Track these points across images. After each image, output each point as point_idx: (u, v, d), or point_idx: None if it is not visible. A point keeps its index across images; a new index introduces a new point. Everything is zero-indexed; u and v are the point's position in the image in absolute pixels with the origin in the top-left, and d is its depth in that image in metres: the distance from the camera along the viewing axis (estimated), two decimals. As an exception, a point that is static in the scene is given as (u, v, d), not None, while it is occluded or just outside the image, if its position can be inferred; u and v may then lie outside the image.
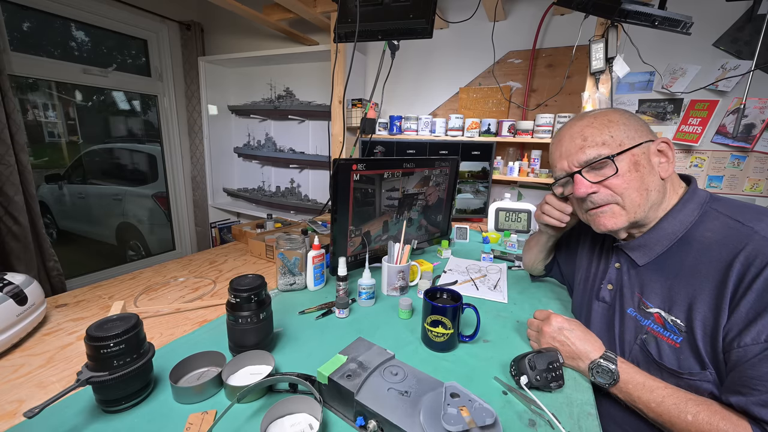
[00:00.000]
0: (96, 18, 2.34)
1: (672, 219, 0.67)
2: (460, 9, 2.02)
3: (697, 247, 0.63)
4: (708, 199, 0.67)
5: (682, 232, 0.66)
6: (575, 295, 0.90)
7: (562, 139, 0.73)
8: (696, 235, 0.65)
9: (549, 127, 1.76)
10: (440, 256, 1.36)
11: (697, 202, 0.67)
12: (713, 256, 0.60)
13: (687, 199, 0.68)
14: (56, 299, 0.98)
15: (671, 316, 0.64)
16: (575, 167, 0.70)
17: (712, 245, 0.61)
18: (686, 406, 0.55)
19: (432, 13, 1.10)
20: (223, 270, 1.23)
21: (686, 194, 0.69)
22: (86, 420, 0.55)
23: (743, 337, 0.54)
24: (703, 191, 0.69)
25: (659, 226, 0.69)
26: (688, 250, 0.65)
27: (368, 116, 2.03)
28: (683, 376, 0.61)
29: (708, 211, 0.66)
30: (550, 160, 0.78)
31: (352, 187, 0.98)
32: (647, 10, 1.14)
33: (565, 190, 0.78)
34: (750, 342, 0.53)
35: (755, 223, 0.59)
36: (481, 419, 0.47)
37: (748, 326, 0.53)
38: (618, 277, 0.76)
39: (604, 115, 0.70)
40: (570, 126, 0.73)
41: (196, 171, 3.00)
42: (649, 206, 0.67)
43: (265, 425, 0.52)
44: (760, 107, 1.53)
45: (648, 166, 0.67)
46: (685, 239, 0.66)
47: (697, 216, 0.66)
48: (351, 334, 0.81)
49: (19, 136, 1.81)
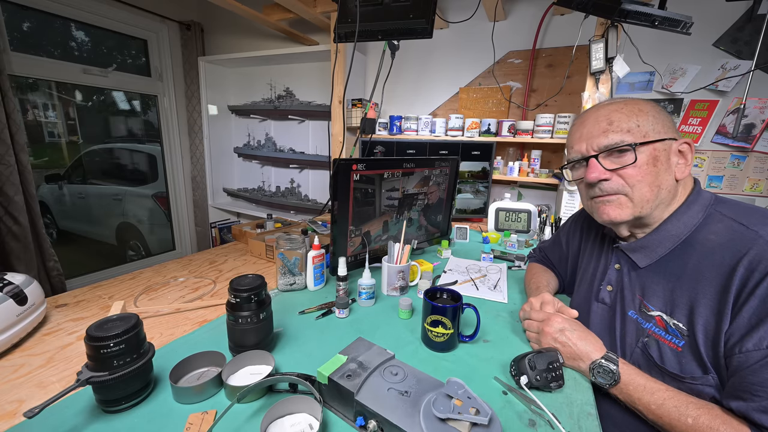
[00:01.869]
0: (96, 18, 2.34)
1: (676, 221, 0.67)
2: (460, 9, 2.02)
3: (701, 250, 0.63)
4: (713, 201, 0.66)
5: (686, 235, 0.65)
6: (575, 295, 0.90)
7: (585, 121, 0.71)
8: (699, 238, 0.64)
9: (549, 127, 1.76)
10: (440, 256, 1.36)
11: (701, 204, 0.66)
12: (716, 259, 0.60)
13: (691, 200, 0.67)
14: (56, 299, 0.98)
15: (673, 320, 0.63)
16: (593, 151, 0.68)
17: (715, 248, 0.61)
18: (687, 409, 0.55)
19: (432, 13, 1.10)
20: (223, 270, 1.23)
21: (690, 195, 0.68)
22: (86, 420, 0.55)
23: (745, 343, 0.53)
24: (708, 193, 0.68)
25: (663, 227, 0.68)
26: (691, 253, 0.64)
27: (368, 116, 2.03)
28: (685, 381, 0.60)
29: (712, 213, 0.65)
30: (568, 142, 0.75)
31: (352, 187, 0.98)
32: (647, 10, 1.14)
33: (574, 174, 0.75)
34: (752, 348, 0.52)
35: (760, 227, 0.58)
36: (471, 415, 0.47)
37: (750, 332, 0.53)
38: (618, 278, 0.75)
39: (635, 103, 0.68)
40: (597, 109, 0.71)
41: (196, 171, 3.00)
42: (657, 204, 0.66)
43: (265, 425, 0.52)
44: (760, 107, 1.54)
45: (666, 164, 0.65)
46: (689, 242, 0.65)
47: (701, 218, 0.65)
48: (351, 334, 0.81)
49: (19, 136, 1.81)
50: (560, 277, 1.02)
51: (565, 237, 1.00)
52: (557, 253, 1.03)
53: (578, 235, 0.94)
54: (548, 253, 1.07)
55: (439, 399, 0.50)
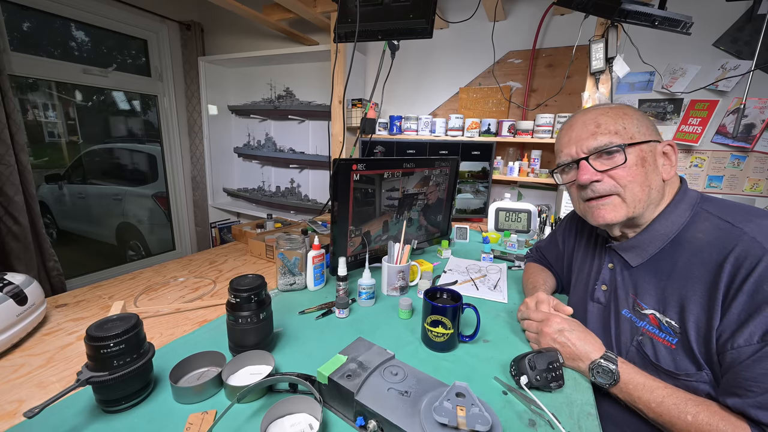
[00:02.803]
0: (96, 18, 2.34)
1: (664, 220, 0.68)
2: (460, 9, 2.02)
3: (689, 248, 0.64)
4: (699, 200, 0.68)
5: (674, 233, 0.67)
6: (571, 294, 0.90)
7: (573, 125, 0.73)
8: (687, 236, 0.65)
9: (549, 127, 1.76)
10: (440, 256, 1.36)
11: (688, 202, 0.68)
12: (704, 257, 0.61)
13: (678, 199, 0.68)
14: (56, 299, 0.98)
15: (666, 318, 0.64)
16: (583, 153, 0.70)
17: (703, 246, 0.62)
18: (686, 407, 0.55)
19: (432, 13, 1.10)
20: (223, 270, 1.23)
21: (677, 194, 0.69)
22: (86, 420, 0.55)
23: (736, 339, 0.54)
24: (694, 191, 0.70)
25: (652, 227, 0.69)
26: (681, 251, 0.65)
27: (368, 116, 2.03)
28: (680, 377, 0.61)
29: (699, 212, 0.66)
30: (557, 146, 0.76)
31: (352, 187, 0.98)
32: (647, 10, 1.14)
33: (565, 177, 0.76)
34: (743, 343, 0.53)
35: (744, 224, 0.59)
36: (473, 423, 0.47)
37: (740, 328, 0.54)
38: (612, 277, 0.76)
39: (619, 107, 0.70)
40: (584, 113, 0.73)
41: (196, 171, 3.00)
42: (648, 203, 0.67)
43: (265, 425, 0.52)
44: (760, 107, 1.54)
45: (653, 164, 0.67)
46: (678, 240, 0.66)
47: (688, 217, 0.66)
48: (351, 334, 0.81)
49: (19, 136, 1.81)
50: (558, 276, 1.02)
51: (561, 236, 1.00)
52: (554, 252, 1.03)
53: (573, 234, 0.95)
54: (545, 252, 1.07)
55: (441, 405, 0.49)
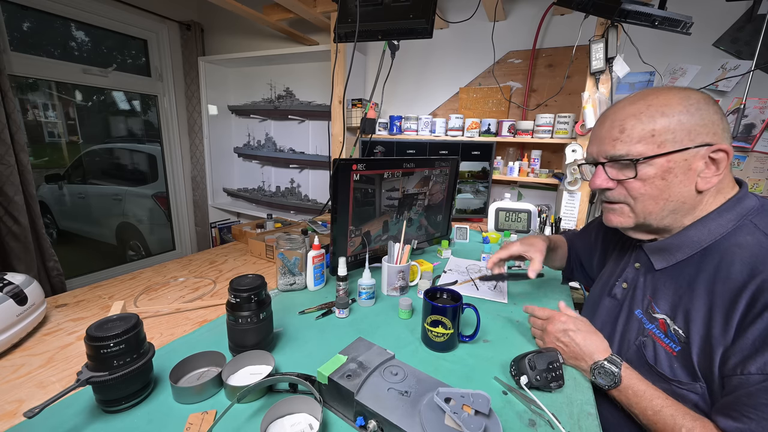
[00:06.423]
0: (96, 18, 2.34)
1: (701, 227, 0.63)
2: (460, 9, 2.02)
3: (719, 260, 0.59)
4: (753, 211, 0.60)
5: (708, 243, 0.62)
6: (592, 289, 0.89)
7: (603, 122, 0.68)
8: (723, 248, 0.60)
9: (549, 127, 1.76)
10: (440, 256, 1.36)
11: (737, 212, 0.61)
12: (730, 273, 0.57)
13: (726, 208, 0.62)
14: (56, 299, 0.98)
15: (674, 325, 0.62)
16: (602, 158, 0.67)
17: (734, 262, 0.57)
18: (683, 420, 0.54)
19: (432, 13, 1.10)
20: (223, 270, 1.23)
21: (727, 203, 0.62)
22: (86, 420, 0.55)
23: (748, 365, 0.51)
24: (753, 200, 0.62)
25: (684, 232, 0.64)
26: (709, 262, 0.60)
27: (368, 116, 2.03)
28: (672, 383, 0.60)
29: (746, 224, 0.59)
30: (590, 135, 0.73)
31: (352, 187, 0.98)
32: (647, 10, 1.14)
33: (584, 174, 0.75)
34: (755, 371, 0.50)
35: None
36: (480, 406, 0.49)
37: (753, 354, 0.51)
38: (635, 276, 0.74)
39: (662, 104, 0.60)
40: (617, 110, 0.66)
41: (196, 171, 3.00)
42: (664, 215, 0.64)
43: (265, 425, 0.52)
44: (760, 107, 1.53)
45: (682, 176, 0.60)
46: (710, 250, 0.61)
47: (731, 227, 0.60)
48: (351, 334, 0.81)
49: (19, 136, 1.81)
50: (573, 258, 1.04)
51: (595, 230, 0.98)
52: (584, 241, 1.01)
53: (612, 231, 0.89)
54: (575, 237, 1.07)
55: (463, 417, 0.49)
